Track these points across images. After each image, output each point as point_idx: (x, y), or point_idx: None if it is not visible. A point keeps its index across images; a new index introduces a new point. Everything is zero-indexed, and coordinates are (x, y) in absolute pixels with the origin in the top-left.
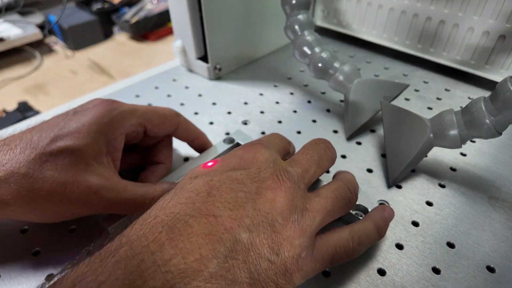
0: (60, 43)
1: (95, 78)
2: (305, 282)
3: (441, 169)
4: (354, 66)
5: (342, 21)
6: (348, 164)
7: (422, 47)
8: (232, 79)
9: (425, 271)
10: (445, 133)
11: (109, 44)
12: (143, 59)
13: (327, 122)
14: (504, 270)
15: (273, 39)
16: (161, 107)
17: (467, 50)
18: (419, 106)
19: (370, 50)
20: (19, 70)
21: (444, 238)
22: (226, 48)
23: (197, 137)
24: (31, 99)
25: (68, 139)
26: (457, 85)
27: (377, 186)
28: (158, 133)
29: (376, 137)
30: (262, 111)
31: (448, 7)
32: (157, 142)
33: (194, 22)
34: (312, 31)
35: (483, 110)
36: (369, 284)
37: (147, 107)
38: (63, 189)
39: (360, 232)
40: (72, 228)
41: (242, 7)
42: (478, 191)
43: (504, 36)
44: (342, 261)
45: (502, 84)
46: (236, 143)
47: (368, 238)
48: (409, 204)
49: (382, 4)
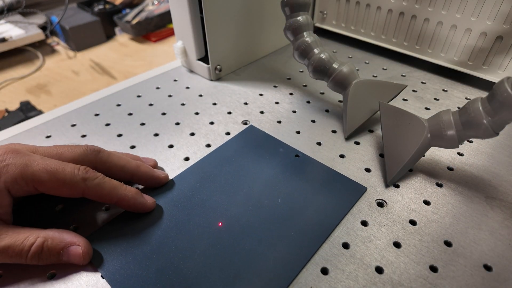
0: (62, 44)
1: (97, 79)
2: (304, 278)
3: (438, 169)
4: (353, 67)
5: (341, 23)
6: (347, 164)
7: (420, 48)
8: (232, 79)
9: (422, 269)
10: (443, 133)
11: (110, 45)
12: (144, 60)
13: (326, 122)
14: (501, 268)
15: (273, 40)
16: (69, 168)
17: (465, 51)
18: (416, 106)
19: (369, 51)
20: (21, 70)
21: (442, 236)
22: (226, 49)
23: (120, 199)
24: (33, 99)
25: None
26: (455, 86)
27: (375, 186)
28: (58, 195)
29: (374, 137)
30: (262, 111)
31: (446, 9)
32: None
33: (195, 24)
34: (311, 32)
35: (480, 110)
36: (367, 282)
37: (47, 165)
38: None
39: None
40: (75, 226)
41: (242, 8)
42: (475, 191)
43: (502, 37)
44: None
45: (499, 84)
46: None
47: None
48: (406, 203)
49: (381, 5)
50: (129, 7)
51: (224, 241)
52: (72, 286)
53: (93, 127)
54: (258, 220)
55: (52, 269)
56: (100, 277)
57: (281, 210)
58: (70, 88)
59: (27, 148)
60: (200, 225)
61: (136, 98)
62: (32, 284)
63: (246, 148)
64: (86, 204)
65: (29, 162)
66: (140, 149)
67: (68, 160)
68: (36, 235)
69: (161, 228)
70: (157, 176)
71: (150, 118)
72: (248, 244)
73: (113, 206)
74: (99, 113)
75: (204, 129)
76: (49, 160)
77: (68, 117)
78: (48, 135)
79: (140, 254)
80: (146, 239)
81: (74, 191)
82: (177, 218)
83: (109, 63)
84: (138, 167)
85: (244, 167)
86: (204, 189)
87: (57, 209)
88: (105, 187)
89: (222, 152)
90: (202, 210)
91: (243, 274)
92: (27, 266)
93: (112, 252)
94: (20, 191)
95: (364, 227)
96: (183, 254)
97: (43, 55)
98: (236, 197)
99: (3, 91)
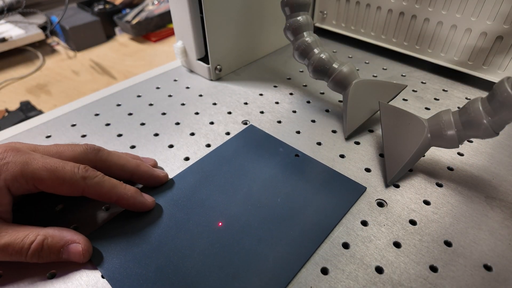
0: (62, 44)
1: (97, 79)
2: (304, 279)
3: (438, 169)
4: (353, 66)
5: (341, 23)
6: (347, 164)
7: (420, 48)
8: (232, 79)
9: (422, 269)
10: (443, 133)
11: (110, 45)
12: (144, 60)
13: (326, 122)
14: (501, 268)
15: (273, 40)
16: (69, 166)
17: (465, 51)
18: (417, 106)
19: (369, 51)
20: (21, 70)
21: (442, 236)
22: (226, 49)
23: (120, 198)
24: (34, 99)
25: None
26: (455, 86)
27: (375, 186)
28: (58, 193)
29: (374, 137)
30: (262, 111)
31: (446, 9)
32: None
33: (195, 24)
34: (311, 32)
35: (480, 110)
36: (367, 282)
37: (47, 163)
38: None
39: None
40: (75, 226)
41: (242, 8)
42: (475, 191)
43: (502, 37)
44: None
45: (499, 84)
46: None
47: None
48: (406, 203)
49: (381, 5)
50: (129, 7)
51: (224, 240)
52: (72, 286)
53: (93, 127)
54: (258, 219)
55: (52, 269)
56: (100, 276)
57: (280, 209)
58: (70, 88)
59: (27, 147)
60: (200, 224)
61: (136, 98)
62: (32, 284)
63: (246, 148)
64: (86, 204)
65: (29, 160)
66: (140, 149)
67: (68, 159)
68: (36, 233)
69: (160, 227)
70: (157, 175)
71: (150, 118)
72: (248, 243)
73: (113, 206)
74: (99, 113)
75: (204, 129)
76: (49, 158)
77: (68, 117)
78: (48, 135)
79: (140, 253)
80: (145, 238)
81: (74, 190)
82: (177, 217)
83: (109, 63)
84: (137, 166)
85: (244, 166)
86: (204, 188)
87: (57, 209)
88: (104, 186)
89: (222, 152)
90: (201, 209)
91: (242, 273)
92: (27, 266)
93: (112, 250)
94: (20, 189)
95: (364, 227)
96: (183, 253)
97: (43, 55)
98: (235, 197)
99: (3, 91)
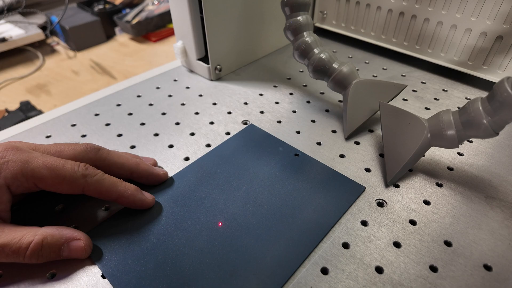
0: (62, 44)
1: (97, 79)
2: (304, 278)
3: (438, 169)
4: (353, 66)
5: (341, 23)
6: (347, 164)
7: (420, 48)
8: (232, 79)
9: (422, 269)
10: (443, 133)
11: (110, 45)
12: (144, 60)
13: (326, 122)
14: (501, 268)
15: (273, 40)
16: (69, 164)
17: (465, 51)
18: (416, 106)
19: (369, 51)
20: (21, 70)
21: (442, 236)
22: (226, 49)
23: (120, 196)
24: (33, 99)
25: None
26: (455, 86)
27: (375, 185)
28: (58, 191)
29: (374, 137)
30: (262, 111)
31: (446, 9)
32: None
33: (195, 23)
34: (311, 32)
35: (480, 110)
36: (367, 281)
37: (47, 162)
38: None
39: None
40: (75, 226)
41: (242, 8)
42: (475, 191)
43: (502, 37)
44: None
45: (499, 84)
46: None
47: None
48: (406, 203)
49: (381, 5)
50: (129, 7)
51: (222, 239)
52: (72, 286)
53: (93, 127)
54: (256, 218)
55: (52, 269)
56: (100, 276)
57: (279, 208)
58: (70, 88)
59: (27, 146)
60: (199, 223)
61: (136, 98)
62: (32, 284)
63: (246, 147)
64: (86, 203)
65: (29, 159)
66: (140, 149)
67: (68, 158)
68: (33, 233)
69: (160, 225)
70: (157, 173)
71: (150, 118)
72: (246, 241)
73: (112, 205)
74: (99, 113)
75: (204, 129)
76: (49, 157)
77: (68, 117)
78: (48, 135)
79: (139, 250)
80: (145, 236)
81: (74, 188)
82: (176, 215)
83: (109, 63)
84: (137, 164)
85: (244, 165)
86: (203, 187)
87: (57, 209)
88: (104, 184)
89: (222, 150)
90: (201, 207)
91: (240, 271)
92: (27, 266)
93: (111, 248)
94: (20, 188)
95: (364, 227)
96: (181, 251)
97: (43, 55)
98: (235, 195)
99: (3, 91)
